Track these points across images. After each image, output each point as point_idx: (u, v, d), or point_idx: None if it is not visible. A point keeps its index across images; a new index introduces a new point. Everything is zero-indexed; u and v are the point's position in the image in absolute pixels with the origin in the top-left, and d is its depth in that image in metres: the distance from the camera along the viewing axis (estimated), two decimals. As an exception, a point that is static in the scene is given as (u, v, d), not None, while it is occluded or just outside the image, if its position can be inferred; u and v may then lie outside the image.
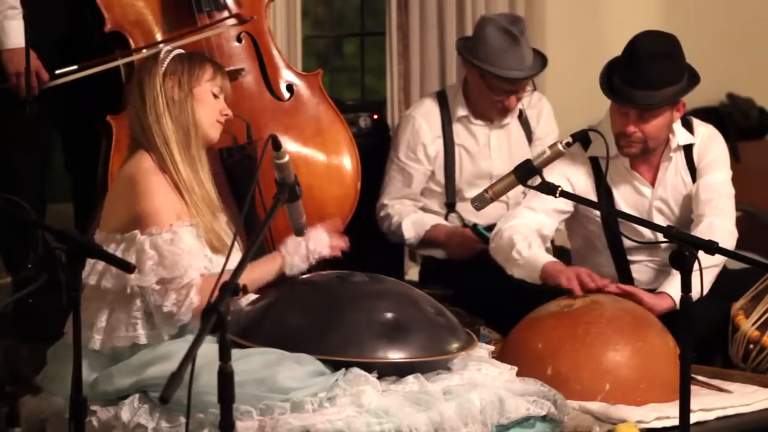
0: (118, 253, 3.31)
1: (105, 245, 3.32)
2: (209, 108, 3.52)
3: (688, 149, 4.31)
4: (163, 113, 3.46)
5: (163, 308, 3.32)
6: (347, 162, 4.54)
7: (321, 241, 3.62)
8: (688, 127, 4.33)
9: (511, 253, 4.14)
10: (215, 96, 3.54)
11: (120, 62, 4.31)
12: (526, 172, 3.63)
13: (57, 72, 4.28)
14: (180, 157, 3.45)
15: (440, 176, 4.98)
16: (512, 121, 5.03)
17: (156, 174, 3.43)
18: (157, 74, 3.49)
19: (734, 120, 6.72)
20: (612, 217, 4.24)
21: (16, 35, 4.24)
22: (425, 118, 4.96)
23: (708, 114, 6.27)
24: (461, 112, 4.96)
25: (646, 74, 4.08)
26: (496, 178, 3.95)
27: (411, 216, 4.94)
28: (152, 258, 3.32)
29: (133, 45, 4.33)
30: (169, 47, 3.60)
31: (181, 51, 3.59)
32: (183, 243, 3.35)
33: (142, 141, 3.49)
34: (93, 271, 3.36)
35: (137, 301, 3.34)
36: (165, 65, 3.50)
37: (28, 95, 4.21)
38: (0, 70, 4.29)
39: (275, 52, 4.54)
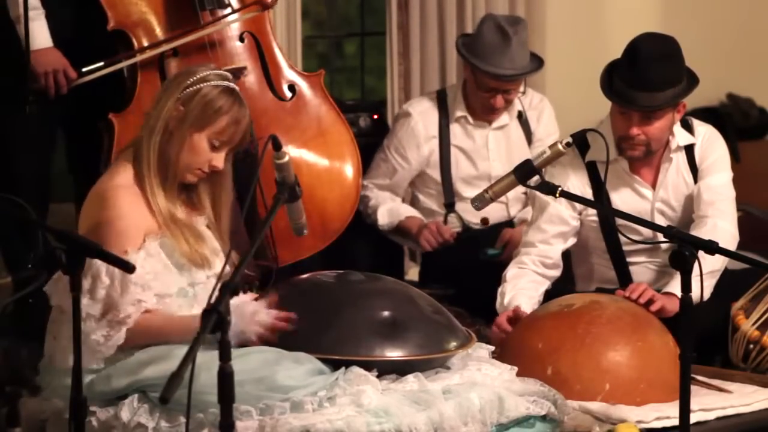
0: None
1: None
2: (197, 157, 3.40)
3: (689, 149, 4.30)
4: (157, 133, 3.39)
5: (91, 336, 3.25)
6: (348, 163, 4.53)
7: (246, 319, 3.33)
8: (688, 127, 4.32)
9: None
10: (213, 147, 3.41)
11: (146, 57, 4.31)
12: (525, 172, 3.62)
13: (83, 70, 4.28)
14: (156, 181, 3.39)
15: (437, 176, 4.99)
16: (511, 122, 5.04)
17: (128, 189, 3.37)
18: (172, 96, 3.39)
19: (734, 120, 6.72)
20: (610, 219, 4.24)
21: (42, 36, 4.22)
22: (422, 116, 4.98)
23: (708, 114, 6.27)
24: (460, 112, 4.97)
25: (648, 76, 4.08)
26: (494, 179, 3.95)
27: (388, 203, 5.01)
28: (105, 287, 3.26)
29: (136, 44, 4.33)
30: (213, 73, 3.41)
31: (216, 83, 3.39)
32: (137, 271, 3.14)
33: (134, 150, 3.44)
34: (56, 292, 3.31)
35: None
36: (186, 92, 3.38)
37: (29, 95, 4.21)
38: (25, 71, 4.27)
39: (277, 52, 4.54)
